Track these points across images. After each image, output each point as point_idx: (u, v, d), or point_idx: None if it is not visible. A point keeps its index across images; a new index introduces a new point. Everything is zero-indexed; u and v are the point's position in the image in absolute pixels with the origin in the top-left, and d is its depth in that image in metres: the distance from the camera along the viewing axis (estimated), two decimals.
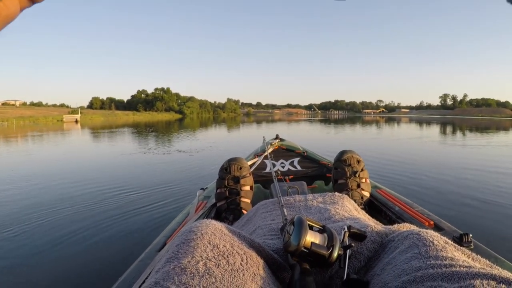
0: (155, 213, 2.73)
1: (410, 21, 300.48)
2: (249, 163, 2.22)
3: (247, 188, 1.46)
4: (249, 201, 1.45)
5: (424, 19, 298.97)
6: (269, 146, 2.55)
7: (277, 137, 2.98)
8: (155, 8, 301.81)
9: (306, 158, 2.49)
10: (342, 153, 1.52)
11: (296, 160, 2.45)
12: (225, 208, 1.41)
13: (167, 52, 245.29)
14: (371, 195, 1.50)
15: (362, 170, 1.47)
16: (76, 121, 31.81)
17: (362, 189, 1.45)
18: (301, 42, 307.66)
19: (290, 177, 2.15)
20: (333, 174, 1.52)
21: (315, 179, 2.13)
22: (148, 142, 9.52)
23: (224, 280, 0.50)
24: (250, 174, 1.50)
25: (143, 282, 0.74)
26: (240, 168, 1.46)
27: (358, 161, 1.49)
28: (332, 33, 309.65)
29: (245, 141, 10.09)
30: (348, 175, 1.45)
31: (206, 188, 1.74)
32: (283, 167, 2.34)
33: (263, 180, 2.13)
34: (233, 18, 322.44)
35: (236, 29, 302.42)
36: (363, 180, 1.46)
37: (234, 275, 0.52)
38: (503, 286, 0.43)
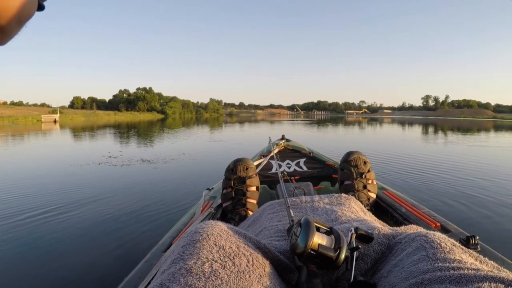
0: (160, 213, 2.71)
1: (391, 22, 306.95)
2: (255, 163, 2.20)
3: (253, 188, 1.45)
4: (255, 201, 1.44)
5: (405, 20, 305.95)
6: (275, 146, 2.54)
7: (283, 138, 2.97)
8: (137, 7, 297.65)
9: (312, 158, 2.47)
10: (349, 154, 1.50)
11: (302, 160, 2.43)
12: (231, 208, 1.40)
13: (149, 52, 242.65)
14: (377, 196, 1.49)
15: (368, 171, 1.46)
16: (55, 121, 30.55)
17: (369, 191, 1.44)
18: (284, 42, 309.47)
19: (296, 177, 2.13)
20: (340, 175, 1.51)
21: (321, 180, 2.12)
22: (140, 144, 9.38)
23: (230, 282, 0.50)
24: (256, 175, 1.49)
25: (149, 283, 0.74)
26: (246, 169, 1.45)
27: (365, 162, 1.48)
28: (314, 34, 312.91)
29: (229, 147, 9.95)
30: (355, 176, 1.44)
31: (212, 188, 1.72)
32: (289, 167, 2.32)
33: (269, 180, 2.11)
34: (215, 18, 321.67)
35: (219, 29, 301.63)
36: (370, 182, 1.46)
37: (240, 277, 0.52)
38: None
